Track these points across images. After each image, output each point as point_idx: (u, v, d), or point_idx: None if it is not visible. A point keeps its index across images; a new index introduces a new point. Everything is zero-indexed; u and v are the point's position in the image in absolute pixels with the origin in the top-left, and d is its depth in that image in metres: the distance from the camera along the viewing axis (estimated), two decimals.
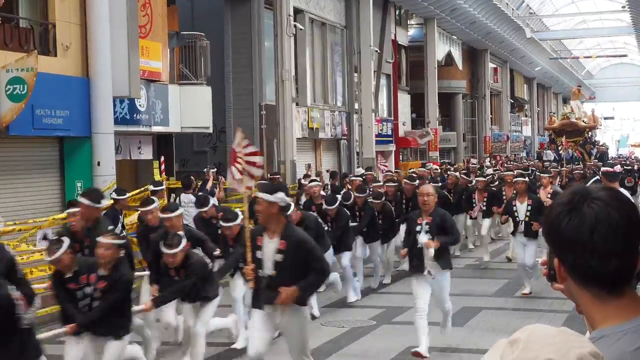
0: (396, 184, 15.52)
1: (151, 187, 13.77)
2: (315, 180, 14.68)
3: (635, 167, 27.65)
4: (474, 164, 29.98)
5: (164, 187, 14.05)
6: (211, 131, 20.32)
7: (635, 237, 1.78)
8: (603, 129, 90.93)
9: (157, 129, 17.69)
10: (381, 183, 16.12)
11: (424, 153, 39.60)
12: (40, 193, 14.71)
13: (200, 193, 14.18)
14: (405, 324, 10.70)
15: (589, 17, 54.40)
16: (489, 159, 39.46)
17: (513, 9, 45.12)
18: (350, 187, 16.37)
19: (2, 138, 13.39)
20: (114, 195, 12.21)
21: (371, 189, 14.78)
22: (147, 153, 18.26)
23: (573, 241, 1.76)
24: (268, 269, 6.79)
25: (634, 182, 23.02)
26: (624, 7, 43.82)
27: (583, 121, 38.29)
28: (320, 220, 11.57)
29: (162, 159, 17.78)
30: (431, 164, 29.98)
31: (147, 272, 9.66)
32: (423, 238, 8.87)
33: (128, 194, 12.83)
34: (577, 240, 1.75)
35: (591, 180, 13.99)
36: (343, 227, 12.26)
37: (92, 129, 14.89)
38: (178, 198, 15.09)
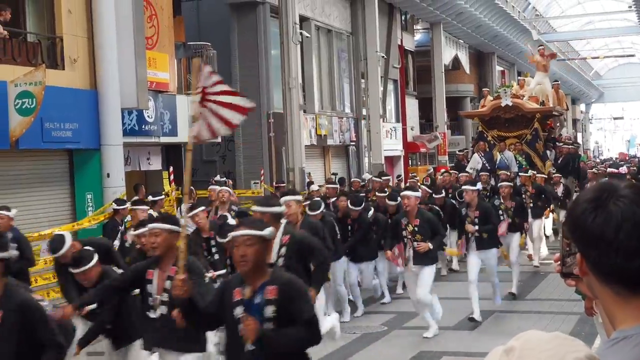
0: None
1: (114, 206, 12.53)
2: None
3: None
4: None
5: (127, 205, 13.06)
6: (220, 140, 20.38)
7: None
8: (600, 126, 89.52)
9: (165, 139, 17.76)
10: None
11: (433, 157, 39.54)
12: (51, 205, 14.79)
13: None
14: (416, 329, 10.71)
15: (596, 17, 54.22)
16: None
17: (519, 12, 45.02)
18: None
19: (12, 152, 13.48)
20: (114, 206, 12.27)
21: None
22: (156, 164, 18.33)
23: (598, 238, 1.74)
24: None
25: None
26: (630, 7, 43.68)
27: (542, 102, 22.99)
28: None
29: (171, 169, 17.83)
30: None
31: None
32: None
33: (128, 204, 12.38)
34: (603, 238, 1.73)
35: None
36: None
37: (101, 141, 14.99)
38: (179, 208, 15.10)
